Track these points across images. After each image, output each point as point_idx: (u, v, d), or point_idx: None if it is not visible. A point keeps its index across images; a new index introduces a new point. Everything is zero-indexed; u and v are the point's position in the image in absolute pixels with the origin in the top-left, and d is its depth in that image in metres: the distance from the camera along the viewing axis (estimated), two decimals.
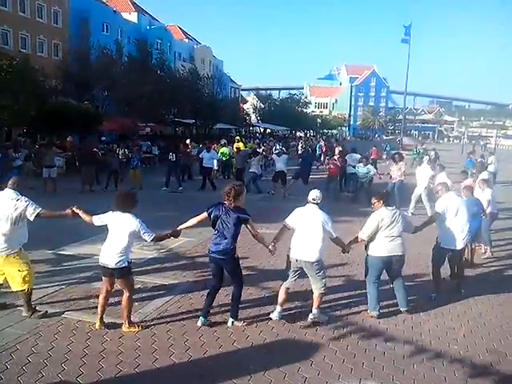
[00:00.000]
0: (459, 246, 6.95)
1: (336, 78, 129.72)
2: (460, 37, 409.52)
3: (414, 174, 14.31)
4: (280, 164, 17.15)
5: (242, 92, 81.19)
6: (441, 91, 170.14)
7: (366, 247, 6.33)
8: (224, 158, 20.50)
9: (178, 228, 5.85)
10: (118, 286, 5.54)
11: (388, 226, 6.07)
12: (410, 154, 29.89)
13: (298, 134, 61.13)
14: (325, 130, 77.08)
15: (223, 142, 23.80)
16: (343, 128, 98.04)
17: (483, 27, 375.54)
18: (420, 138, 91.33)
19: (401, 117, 71.79)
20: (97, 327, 5.48)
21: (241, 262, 5.86)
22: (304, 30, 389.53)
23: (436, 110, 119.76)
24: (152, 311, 6.08)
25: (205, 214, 5.72)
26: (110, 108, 31.33)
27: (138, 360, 4.84)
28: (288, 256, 5.97)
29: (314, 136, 62.13)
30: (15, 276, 5.57)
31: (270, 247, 5.91)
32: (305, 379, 4.62)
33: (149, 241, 5.47)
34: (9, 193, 5.61)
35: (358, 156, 17.98)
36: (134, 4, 51.85)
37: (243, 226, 5.63)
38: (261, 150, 23.01)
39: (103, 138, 28.75)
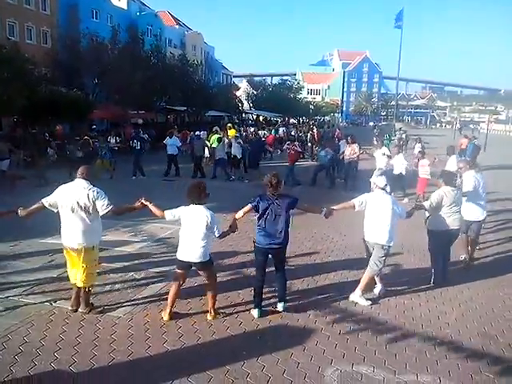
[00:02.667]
0: (482, 217, 7.86)
1: (328, 64, 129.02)
2: (452, 23, 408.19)
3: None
4: (234, 149, 17.54)
5: (234, 79, 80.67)
6: (433, 77, 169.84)
7: (426, 222, 7.08)
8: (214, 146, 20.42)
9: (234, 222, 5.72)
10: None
11: (450, 204, 6.72)
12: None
13: (291, 120, 60.78)
14: (317, 117, 76.78)
15: (215, 129, 23.65)
16: (336, 114, 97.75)
17: (475, 13, 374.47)
18: (413, 124, 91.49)
19: (393, 102, 71.68)
20: (166, 319, 5.47)
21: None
22: (297, 16, 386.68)
23: (428, 95, 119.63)
24: (144, 299, 6.07)
25: (249, 206, 5.67)
26: (101, 96, 31.03)
27: (131, 348, 4.84)
28: (364, 241, 6.39)
29: (307, 122, 61.87)
30: (79, 271, 5.46)
31: (324, 211, 6.08)
32: (297, 364, 4.65)
33: (217, 236, 5.43)
34: (80, 182, 5.39)
35: None
36: None
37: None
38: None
39: (94, 126, 28.48)
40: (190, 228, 5.32)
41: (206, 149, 18.49)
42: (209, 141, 19.68)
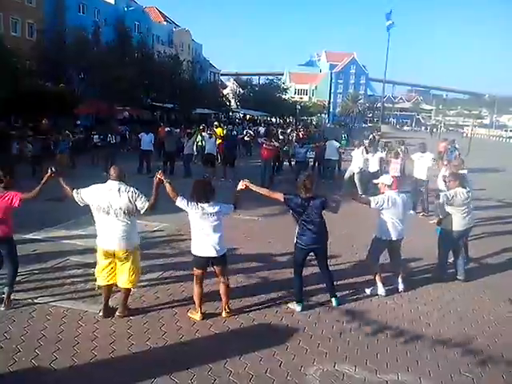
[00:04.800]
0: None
1: (316, 65, 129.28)
2: (440, 26, 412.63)
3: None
4: (209, 146, 17.35)
5: (221, 77, 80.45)
6: (419, 80, 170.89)
7: (440, 223, 7.46)
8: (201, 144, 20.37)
9: (247, 187, 5.76)
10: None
11: (463, 204, 7.12)
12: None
13: (277, 120, 60.89)
14: (304, 117, 76.95)
15: (202, 126, 23.59)
16: (323, 115, 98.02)
17: (462, 17, 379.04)
18: (398, 126, 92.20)
19: (379, 104, 72.15)
20: (198, 319, 5.46)
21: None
22: (285, 16, 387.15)
23: (414, 98, 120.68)
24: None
25: (281, 195, 5.86)
26: (87, 91, 30.70)
27: (113, 345, 4.81)
28: (378, 240, 6.53)
29: (294, 124, 62.01)
30: (125, 273, 5.34)
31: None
32: (280, 363, 4.66)
33: (233, 210, 5.62)
34: (114, 184, 5.19)
35: (338, 144, 18.11)
36: None
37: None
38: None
39: (78, 122, 28.14)
40: (202, 224, 5.31)
41: (194, 147, 18.48)
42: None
